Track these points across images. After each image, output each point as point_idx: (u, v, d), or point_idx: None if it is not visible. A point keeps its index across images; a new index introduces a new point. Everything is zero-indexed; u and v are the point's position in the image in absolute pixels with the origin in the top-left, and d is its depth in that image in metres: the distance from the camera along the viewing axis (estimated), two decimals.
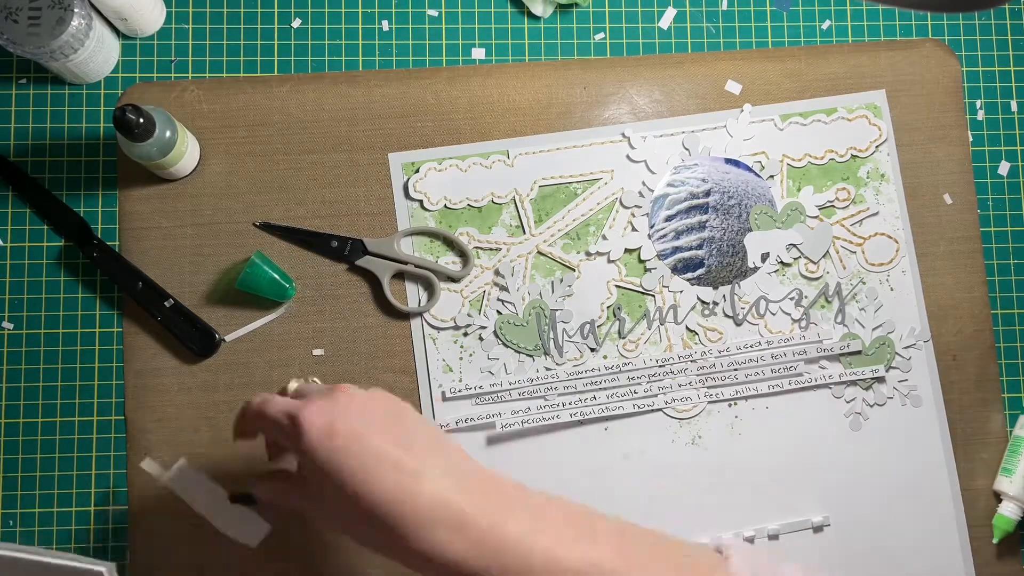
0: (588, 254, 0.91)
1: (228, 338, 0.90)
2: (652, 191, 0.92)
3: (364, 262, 0.90)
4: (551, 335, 0.91)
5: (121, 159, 0.91)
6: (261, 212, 0.91)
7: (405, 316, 0.90)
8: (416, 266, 0.89)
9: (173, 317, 0.89)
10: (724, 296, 0.92)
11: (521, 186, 0.92)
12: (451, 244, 0.91)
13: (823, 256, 0.93)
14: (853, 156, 0.94)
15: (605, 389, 0.90)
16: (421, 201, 0.91)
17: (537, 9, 0.95)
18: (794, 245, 0.93)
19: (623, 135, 0.93)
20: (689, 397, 0.91)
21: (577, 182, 0.92)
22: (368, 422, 0.65)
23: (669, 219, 0.92)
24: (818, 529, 0.91)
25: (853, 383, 0.92)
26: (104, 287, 0.90)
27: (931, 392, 0.92)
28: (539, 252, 0.91)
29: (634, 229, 0.92)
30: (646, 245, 0.92)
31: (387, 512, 0.62)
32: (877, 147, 0.94)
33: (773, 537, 0.90)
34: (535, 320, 0.91)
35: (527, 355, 0.90)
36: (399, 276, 0.91)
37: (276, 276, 0.88)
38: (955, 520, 0.91)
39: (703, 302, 0.92)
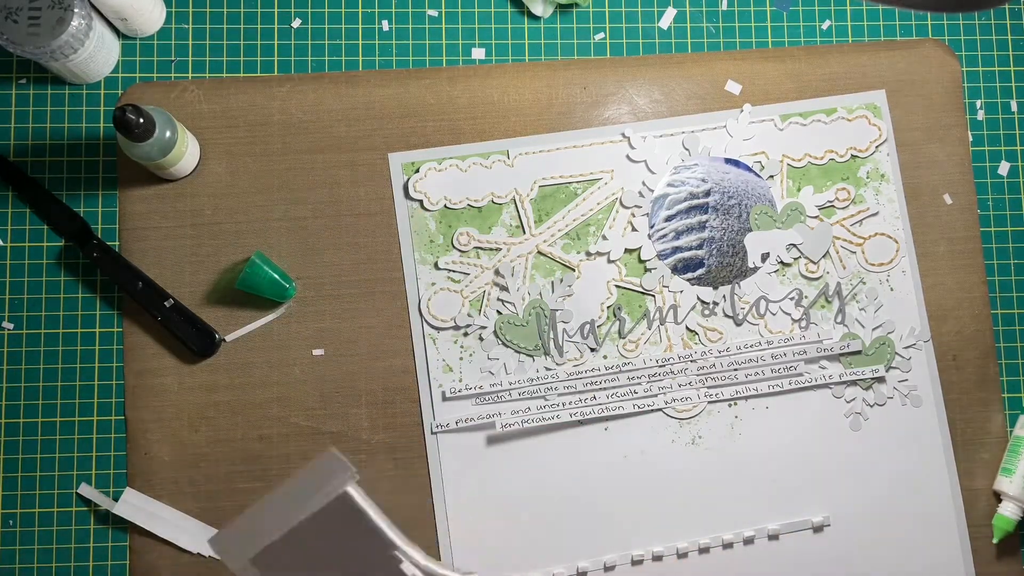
0: (588, 254, 0.91)
1: (228, 338, 0.90)
2: (652, 191, 0.92)
3: None
4: (551, 335, 0.91)
5: (121, 159, 0.91)
6: (261, 212, 0.91)
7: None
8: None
9: (173, 317, 0.89)
10: (724, 296, 0.92)
11: (521, 186, 0.92)
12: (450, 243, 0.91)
13: (823, 256, 0.93)
14: (853, 156, 0.94)
15: (605, 389, 0.90)
16: (421, 201, 0.91)
17: (537, 9, 0.95)
18: (794, 245, 0.93)
19: (623, 135, 0.93)
20: (689, 397, 0.91)
21: (577, 182, 0.92)
22: None
23: (669, 219, 0.92)
24: (818, 529, 0.91)
25: (853, 383, 0.92)
26: (104, 287, 0.90)
27: (931, 392, 0.92)
28: (539, 252, 0.91)
29: (634, 229, 0.92)
30: (646, 245, 0.92)
31: None
32: (877, 147, 0.94)
33: (773, 537, 0.90)
34: (535, 320, 0.91)
35: (527, 355, 0.90)
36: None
37: (276, 276, 0.88)
38: (955, 520, 0.91)
39: (703, 302, 0.92)
